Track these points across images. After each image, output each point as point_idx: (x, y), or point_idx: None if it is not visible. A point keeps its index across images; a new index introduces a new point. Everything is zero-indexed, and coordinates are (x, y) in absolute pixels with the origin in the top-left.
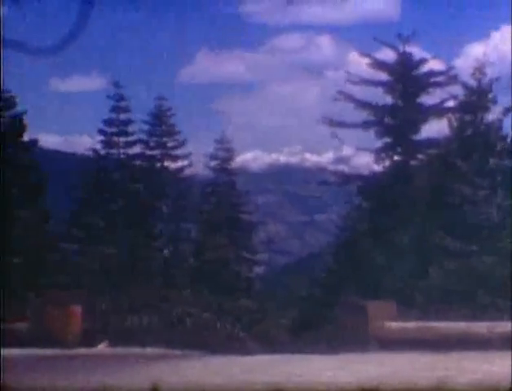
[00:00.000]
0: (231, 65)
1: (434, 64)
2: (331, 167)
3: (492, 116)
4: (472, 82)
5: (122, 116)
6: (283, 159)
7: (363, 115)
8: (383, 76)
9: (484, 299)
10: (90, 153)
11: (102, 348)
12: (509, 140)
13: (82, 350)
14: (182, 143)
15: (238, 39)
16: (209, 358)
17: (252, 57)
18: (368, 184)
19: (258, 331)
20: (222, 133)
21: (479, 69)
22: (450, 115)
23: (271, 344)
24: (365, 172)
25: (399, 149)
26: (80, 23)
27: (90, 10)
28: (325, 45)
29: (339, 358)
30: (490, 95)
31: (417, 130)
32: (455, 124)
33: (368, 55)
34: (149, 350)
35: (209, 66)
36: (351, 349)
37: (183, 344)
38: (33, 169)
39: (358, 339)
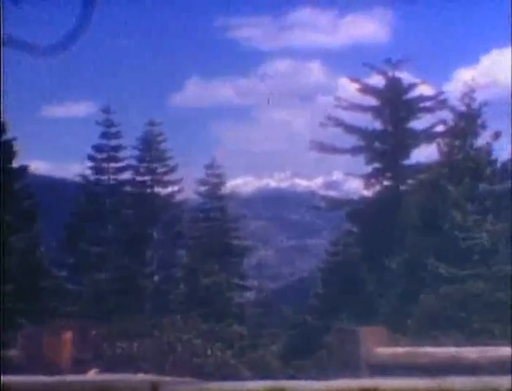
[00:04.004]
0: (222, 91)
1: (424, 89)
2: (321, 192)
3: (481, 140)
4: (461, 107)
5: (112, 142)
6: (273, 184)
7: (352, 140)
8: (373, 101)
9: (476, 324)
10: (80, 179)
11: (92, 374)
12: (498, 165)
13: (72, 377)
14: (172, 169)
15: (229, 65)
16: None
17: (243, 83)
18: (357, 209)
19: (250, 357)
20: (212, 158)
21: (468, 94)
22: (440, 140)
23: (263, 371)
24: (355, 197)
25: (388, 174)
26: (80, 25)
27: (91, 13)
28: (316, 70)
29: (331, 384)
30: (479, 120)
31: (406, 155)
32: (444, 148)
33: (357, 80)
34: (140, 377)
35: (201, 91)
36: (343, 374)
37: (174, 371)
38: (25, 196)
39: (349, 365)
